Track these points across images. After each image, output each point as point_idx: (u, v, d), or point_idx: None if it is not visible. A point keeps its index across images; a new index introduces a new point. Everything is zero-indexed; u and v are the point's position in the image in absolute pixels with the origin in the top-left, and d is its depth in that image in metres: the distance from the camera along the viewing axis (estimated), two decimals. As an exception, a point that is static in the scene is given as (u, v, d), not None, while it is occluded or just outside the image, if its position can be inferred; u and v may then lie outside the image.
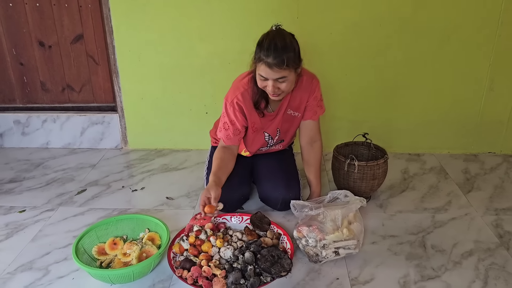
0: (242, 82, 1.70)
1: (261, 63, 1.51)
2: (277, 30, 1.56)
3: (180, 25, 2.23)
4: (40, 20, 2.34)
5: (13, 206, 1.95)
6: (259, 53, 1.52)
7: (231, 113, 1.70)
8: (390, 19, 2.15)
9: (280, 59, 1.48)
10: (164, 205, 1.95)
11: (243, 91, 1.68)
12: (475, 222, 1.78)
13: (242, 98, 1.68)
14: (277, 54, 1.48)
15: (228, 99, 1.70)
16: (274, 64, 1.49)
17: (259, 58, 1.52)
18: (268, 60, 1.49)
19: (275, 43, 1.49)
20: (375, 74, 2.28)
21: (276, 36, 1.51)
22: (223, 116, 1.73)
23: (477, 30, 2.16)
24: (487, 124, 2.36)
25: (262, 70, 1.53)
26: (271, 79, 1.53)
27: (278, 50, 1.48)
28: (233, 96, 1.69)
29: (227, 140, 1.75)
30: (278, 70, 1.50)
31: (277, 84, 1.55)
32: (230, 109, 1.70)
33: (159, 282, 1.46)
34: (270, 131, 1.81)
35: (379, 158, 1.90)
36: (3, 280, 1.48)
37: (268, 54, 1.48)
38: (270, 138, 1.84)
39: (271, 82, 1.54)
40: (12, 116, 2.53)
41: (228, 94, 1.72)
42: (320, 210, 1.53)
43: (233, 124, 1.72)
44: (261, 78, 1.56)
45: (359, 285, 1.43)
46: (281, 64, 1.49)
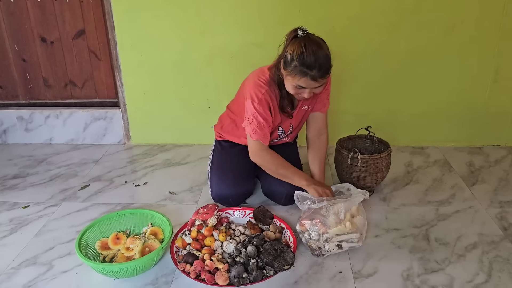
0: (262, 80, 1.65)
1: (304, 77, 1.50)
2: (310, 38, 1.51)
3: (182, 19, 2.22)
4: (41, 16, 2.34)
5: (17, 202, 1.95)
6: (300, 66, 1.48)
7: (263, 112, 1.65)
8: (393, 11, 2.14)
9: (324, 70, 1.49)
10: (167, 200, 1.95)
11: (268, 89, 1.65)
12: (479, 215, 1.77)
13: (268, 95, 1.65)
14: (321, 67, 1.48)
15: (255, 98, 1.64)
16: (319, 77, 1.49)
17: (301, 71, 1.49)
18: (313, 73, 1.48)
19: (317, 56, 1.47)
20: (378, 67, 2.26)
21: (314, 47, 1.48)
22: (255, 117, 1.65)
23: (481, 21, 2.13)
24: (492, 117, 2.34)
25: (303, 82, 1.51)
26: (310, 88, 1.54)
27: (322, 63, 1.48)
28: (260, 94, 1.64)
29: (266, 139, 1.70)
30: (321, 81, 1.52)
31: (313, 91, 1.56)
32: (260, 108, 1.64)
33: (162, 276, 1.46)
34: (284, 126, 1.81)
35: (383, 151, 1.89)
36: (8, 275, 1.49)
37: (312, 68, 1.47)
38: (282, 133, 1.84)
39: (308, 90, 1.55)
40: (15, 112, 2.53)
41: (252, 93, 1.65)
42: (323, 203, 1.53)
43: (267, 121, 1.67)
44: (297, 88, 1.55)
45: (362, 278, 1.43)
46: (325, 75, 1.51)
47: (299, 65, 1.48)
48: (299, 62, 1.48)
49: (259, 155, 1.70)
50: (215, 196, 1.82)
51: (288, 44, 1.53)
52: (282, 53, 1.57)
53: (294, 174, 1.70)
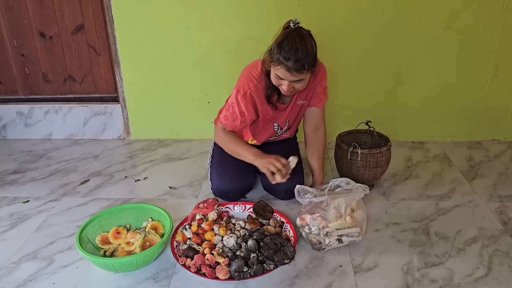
0: (254, 74, 1.65)
1: (280, 66, 1.48)
2: (297, 30, 1.49)
3: (181, 14, 2.21)
4: (40, 11, 2.33)
5: (17, 197, 1.95)
6: (277, 54, 1.47)
7: (243, 105, 1.65)
8: (393, 5, 2.13)
9: (301, 64, 1.46)
10: (167, 195, 1.95)
11: (257, 84, 1.64)
12: (479, 209, 1.77)
13: (255, 90, 1.64)
14: (297, 59, 1.45)
15: (241, 91, 1.64)
16: (293, 69, 1.47)
17: (278, 60, 1.48)
18: (288, 64, 1.46)
19: (296, 47, 1.44)
20: (378, 61, 2.26)
21: (296, 38, 1.45)
22: (233, 106, 1.67)
23: (481, 16, 2.13)
24: (491, 111, 2.34)
25: (279, 71, 1.50)
26: (288, 80, 1.53)
27: (299, 55, 1.45)
28: (246, 88, 1.64)
29: (232, 128, 1.72)
30: (296, 74, 1.49)
31: (293, 84, 1.55)
32: (242, 101, 1.64)
33: (162, 271, 1.46)
34: (279, 121, 1.81)
35: (382, 146, 1.89)
36: (8, 269, 1.49)
37: (288, 58, 1.45)
38: (279, 128, 1.83)
39: (287, 82, 1.53)
40: (15, 107, 2.53)
41: (240, 84, 1.66)
42: (323, 198, 1.53)
43: (242, 116, 1.68)
44: (277, 77, 1.54)
45: (362, 272, 1.43)
46: (301, 69, 1.47)
47: (276, 53, 1.48)
48: (277, 50, 1.47)
49: (218, 135, 1.74)
50: (215, 191, 1.82)
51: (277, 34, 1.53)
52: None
53: (243, 149, 1.69)
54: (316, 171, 1.83)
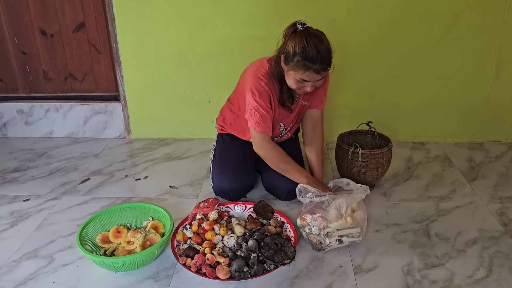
0: (260, 74, 1.65)
1: (307, 71, 1.50)
2: (310, 32, 1.51)
3: (183, 13, 2.21)
4: (41, 9, 2.33)
5: (17, 195, 1.95)
6: (303, 60, 1.48)
7: (264, 104, 1.64)
8: (395, 5, 2.12)
9: (326, 63, 1.50)
10: (167, 194, 1.95)
11: (267, 82, 1.64)
12: (480, 210, 1.77)
13: (268, 88, 1.65)
14: (324, 60, 1.48)
15: (255, 92, 1.63)
16: (321, 69, 1.50)
17: (304, 65, 1.49)
18: (316, 67, 1.48)
19: (320, 50, 1.47)
20: (379, 61, 2.26)
21: (316, 40, 1.48)
22: (257, 109, 1.63)
23: (483, 16, 2.12)
24: (493, 112, 2.33)
25: (306, 76, 1.51)
26: (312, 81, 1.54)
27: (324, 55, 1.48)
28: (259, 87, 1.63)
29: (270, 131, 1.69)
30: (324, 73, 1.52)
31: (315, 84, 1.56)
32: (261, 101, 1.63)
33: (163, 270, 1.46)
34: (286, 122, 1.81)
35: (383, 146, 1.89)
36: (9, 268, 1.49)
37: (315, 61, 1.47)
38: (284, 129, 1.83)
39: (311, 83, 1.55)
40: (15, 105, 2.53)
41: (252, 86, 1.64)
42: (324, 198, 1.53)
43: (269, 113, 1.66)
44: (299, 81, 1.55)
45: (362, 273, 1.43)
46: (327, 68, 1.52)
47: (301, 59, 1.48)
48: (301, 56, 1.48)
49: (263, 147, 1.69)
50: (216, 190, 1.82)
51: (288, 39, 1.52)
52: (281, 48, 1.56)
53: (295, 170, 1.70)
54: (315, 170, 1.83)
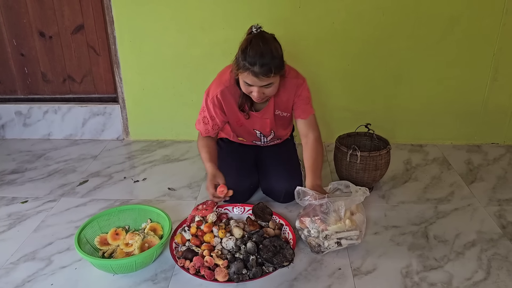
0: (224, 79, 1.67)
1: (247, 72, 1.47)
2: (260, 34, 1.49)
3: (181, 15, 2.21)
4: (40, 11, 2.33)
5: (15, 197, 1.95)
6: (243, 61, 1.47)
7: (211, 109, 1.69)
8: (393, 9, 2.13)
9: (267, 68, 1.45)
10: (166, 196, 1.95)
11: (224, 89, 1.66)
12: (478, 212, 1.77)
13: (222, 95, 1.66)
14: (263, 63, 1.44)
15: (209, 95, 1.69)
16: (260, 73, 1.46)
17: (244, 66, 1.47)
18: (255, 69, 1.45)
19: (260, 52, 1.44)
20: (378, 64, 2.26)
21: (260, 42, 1.45)
22: (203, 111, 1.72)
23: (481, 19, 2.13)
24: (491, 115, 2.34)
25: (247, 78, 1.50)
26: (257, 86, 1.52)
27: (265, 59, 1.44)
28: (213, 93, 1.67)
29: (206, 133, 1.77)
30: (264, 78, 1.48)
31: (263, 90, 1.54)
32: (210, 105, 1.69)
33: (161, 272, 1.46)
34: (262, 130, 1.81)
35: (382, 148, 1.89)
36: (6, 270, 1.49)
37: (254, 63, 1.44)
38: (262, 136, 1.84)
39: (257, 88, 1.52)
40: (14, 107, 2.52)
41: (210, 89, 1.70)
42: (323, 200, 1.53)
43: (213, 120, 1.72)
44: (246, 85, 1.54)
45: (361, 275, 1.43)
46: (268, 73, 1.46)
47: (242, 59, 1.47)
48: (242, 57, 1.47)
49: (200, 140, 1.78)
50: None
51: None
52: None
53: (205, 161, 1.73)
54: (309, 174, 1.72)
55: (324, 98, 2.33)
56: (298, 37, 2.20)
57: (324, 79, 2.30)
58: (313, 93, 2.22)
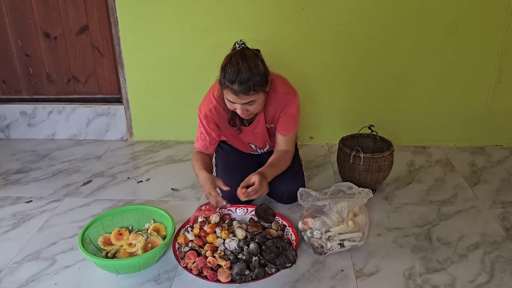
0: (213, 95, 1.66)
1: (227, 89, 1.47)
2: (240, 51, 1.47)
3: (185, 16, 2.22)
4: (45, 11, 2.34)
5: (19, 197, 1.96)
6: (223, 79, 1.46)
7: (206, 125, 1.69)
8: (397, 10, 2.13)
9: (246, 86, 1.43)
10: (169, 196, 1.95)
11: (216, 105, 1.65)
12: (482, 215, 1.77)
13: (215, 111, 1.66)
14: (242, 81, 1.42)
15: (202, 112, 1.68)
16: (240, 91, 1.45)
17: (224, 84, 1.47)
18: (234, 88, 1.44)
19: (238, 69, 1.42)
20: (381, 65, 2.26)
21: (239, 60, 1.43)
22: (199, 127, 1.72)
23: (485, 21, 2.13)
24: (495, 117, 2.33)
25: (228, 96, 1.50)
26: (239, 104, 1.51)
27: (243, 76, 1.42)
28: (206, 109, 1.67)
29: (205, 149, 1.75)
30: (244, 96, 1.47)
31: (246, 107, 1.53)
32: (204, 121, 1.68)
33: (164, 273, 1.46)
34: (255, 143, 1.81)
35: (385, 150, 1.89)
36: (10, 269, 1.50)
37: (232, 81, 1.43)
38: (257, 148, 1.85)
39: (240, 106, 1.52)
40: (19, 107, 2.54)
41: (201, 106, 1.70)
42: (326, 201, 1.53)
43: (209, 135, 1.72)
44: (229, 102, 1.54)
45: (364, 277, 1.43)
46: (248, 91, 1.45)
47: (222, 78, 1.47)
48: (222, 75, 1.47)
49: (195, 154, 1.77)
50: (226, 197, 1.81)
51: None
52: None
53: (198, 171, 1.69)
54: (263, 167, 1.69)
55: (328, 99, 2.33)
56: (302, 38, 2.20)
57: (327, 80, 2.30)
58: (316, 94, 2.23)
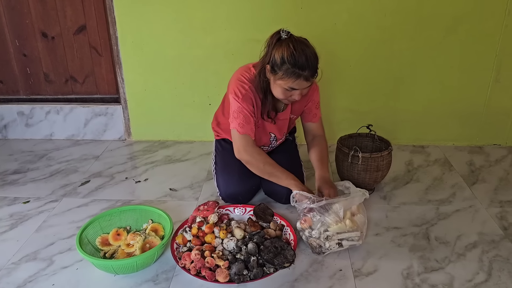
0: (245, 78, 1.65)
1: (298, 78, 1.49)
2: (296, 39, 1.51)
3: (183, 16, 2.22)
4: (43, 11, 2.34)
5: (17, 197, 1.95)
6: (292, 67, 1.47)
7: (247, 107, 1.63)
8: (395, 9, 2.13)
9: (314, 70, 1.50)
10: (167, 196, 1.95)
11: (251, 86, 1.64)
12: (480, 214, 1.77)
13: (251, 91, 1.64)
14: (312, 66, 1.48)
15: (239, 94, 1.62)
16: (311, 76, 1.50)
17: (293, 73, 1.48)
18: (306, 74, 1.48)
19: (308, 56, 1.47)
20: (380, 65, 2.26)
21: (302, 46, 1.48)
22: (240, 111, 1.63)
23: (483, 21, 2.13)
24: (493, 116, 2.34)
25: (296, 83, 1.51)
26: (301, 89, 1.54)
27: (313, 61, 1.48)
28: (243, 91, 1.63)
29: (253, 133, 1.67)
30: (312, 79, 1.52)
31: (303, 91, 1.56)
32: (244, 103, 1.62)
33: (162, 273, 1.46)
34: (277, 133, 1.81)
35: (383, 149, 1.89)
36: (8, 270, 1.49)
37: (304, 67, 1.47)
38: (275, 139, 1.84)
39: (299, 91, 1.55)
40: (16, 107, 2.53)
41: (236, 89, 1.63)
42: (321, 203, 1.52)
43: (253, 116, 1.66)
44: (288, 90, 1.54)
45: (362, 276, 1.43)
46: (315, 74, 1.52)
47: (291, 66, 1.47)
48: (291, 63, 1.46)
49: (247, 151, 1.65)
50: (224, 196, 1.81)
51: (273, 48, 1.51)
52: (266, 58, 1.54)
53: (283, 172, 1.66)
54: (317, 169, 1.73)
55: (326, 99, 2.32)
56: (300, 38, 2.20)
57: (326, 80, 2.27)
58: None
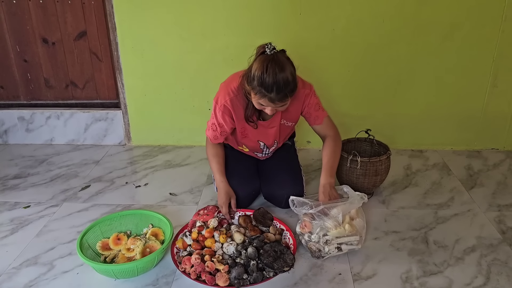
0: (231, 88, 1.67)
1: (263, 97, 1.49)
2: (275, 58, 1.46)
3: (183, 21, 2.23)
4: (43, 17, 2.35)
5: (18, 202, 1.96)
6: (259, 86, 1.47)
7: (220, 116, 1.70)
8: (393, 15, 2.15)
9: (283, 94, 1.47)
10: (167, 201, 1.96)
11: (233, 97, 1.66)
12: (478, 218, 1.78)
13: (231, 103, 1.67)
14: (280, 91, 1.45)
15: (218, 102, 1.68)
16: (276, 100, 1.48)
17: (260, 92, 1.47)
18: (271, 96, 1.47)
19: (277, 80, 1.43)
20: (378, 70, 2.28)
21: (276, 69, 1.44)
22: (212, 118, 1.74)
23: (480, 26, 2.15)
24: (491, 120, 2.35)
25: (263, 101, 1.51)
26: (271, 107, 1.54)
27: (281, 87, 1.45)
28: (222, 100, 1.67)
29: (215, 140, 1.80)
30: (280, 103, 1.51)
31: (277, 108, 1.56)
32: (219, 112, 1.69)
33: (162, 277, 1.47)
34: (265, 140, 1.81)
35: (382, 154, 1.90)
36: (9, 274, 1.50)
37: (270, 90, 1.45)
38: (265, 147, 1.85)
39: (270, 108, 1.55)
40: (17, 112, 2.54)
41: (218, 96, 1.69)
42: (320, 208, 1.53)
43: (221, 127, 1.73)
44: (259, 104, 1.55)
45: (361, 280, 1.44)
46: (284, 99, 1.50)
47: (257, 85, 1.47)
48: (258, 82, 1.47)
49: (206, 147, 1.85)
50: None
51: (254, 60, 1.51)
52: (249, 67, 1.55)
53: (216, 172, 1.79)
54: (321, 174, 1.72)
55: (325, 104, 2.31)
56: (299, 43, 2.22)
57: (324, 85, 2.31)
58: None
